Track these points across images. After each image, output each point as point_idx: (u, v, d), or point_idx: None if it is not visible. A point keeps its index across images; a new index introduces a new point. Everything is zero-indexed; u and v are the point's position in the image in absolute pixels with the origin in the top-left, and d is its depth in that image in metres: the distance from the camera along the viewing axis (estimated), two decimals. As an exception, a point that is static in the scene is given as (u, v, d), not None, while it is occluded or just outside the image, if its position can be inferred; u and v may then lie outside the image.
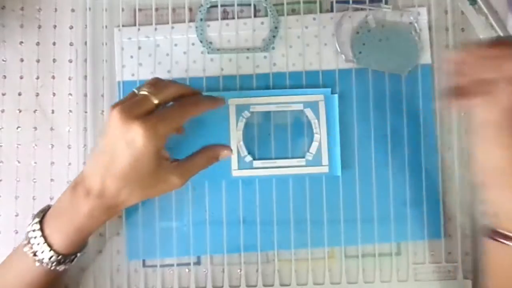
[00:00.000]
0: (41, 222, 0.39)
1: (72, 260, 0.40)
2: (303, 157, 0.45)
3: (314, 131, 0.45)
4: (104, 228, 0.46)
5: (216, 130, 0.45)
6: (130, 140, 0.36)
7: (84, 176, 0.39)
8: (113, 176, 0.37)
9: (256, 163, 0.45)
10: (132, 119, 0.36)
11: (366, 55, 0.46)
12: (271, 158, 0.46)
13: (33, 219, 0.40)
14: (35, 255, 0.38)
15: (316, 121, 0.45)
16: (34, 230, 0.39)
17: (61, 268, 0.39)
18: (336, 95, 0.46)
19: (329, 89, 0.46)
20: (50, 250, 0.38)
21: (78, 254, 0.41)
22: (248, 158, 0.45)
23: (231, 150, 0.44)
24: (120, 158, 0.37)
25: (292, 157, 0.46)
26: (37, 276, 0.39)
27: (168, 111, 0.38)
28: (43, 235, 0.38)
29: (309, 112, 0.45)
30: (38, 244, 0.38)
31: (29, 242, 0.39)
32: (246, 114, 0.45)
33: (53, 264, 0.39)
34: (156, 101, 0.37)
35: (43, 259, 0.38)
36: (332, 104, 0.46)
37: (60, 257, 0.39)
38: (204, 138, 0.45)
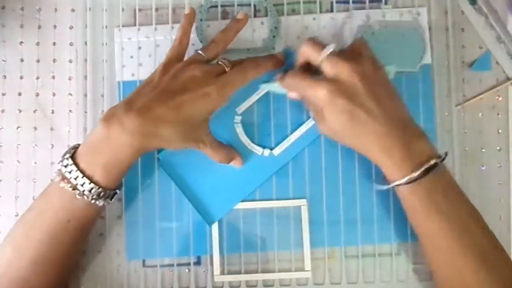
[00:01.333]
0: (72, 158, 0.39)
1: (112, 196, 0.41)
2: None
3: None
4: (104, 228, 0.46)
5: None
6: (204, 93, 0.40)
7: (131, 104, 0.39)
8: (175, 105, 0.39)
9: (276, 151, 0.46)
10: (211, 78, 0.41)
11: None
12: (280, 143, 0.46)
13: (64, 156, 0.40)
14: (74, 188, 0.39)
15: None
16: (67, 166, 0.39)
17: (100, 203, 0.40)
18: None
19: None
20: (90, 183, 0.38)
21: (118, 192, 0.41)
22: (267, 152, 0.46)
23: (241, 161, 0.45)
24: (189, 97, 0.39)
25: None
26: (77, 211, 0.40)
27: (235, 75, 0.42)
28: (79, 169, 0.39)
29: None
30: (76, 178, 0.39)
31: (64, 178, 0.39)
32: (238, 118, 0.46)
33: (93, 197, 0.39)
34: (228, 69, 0.42)
35: (83, 191, 0.39)
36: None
37: (100, 189, 0.39)
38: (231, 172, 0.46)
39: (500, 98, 0.47)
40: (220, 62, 0.42)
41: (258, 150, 0.46)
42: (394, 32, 0.47)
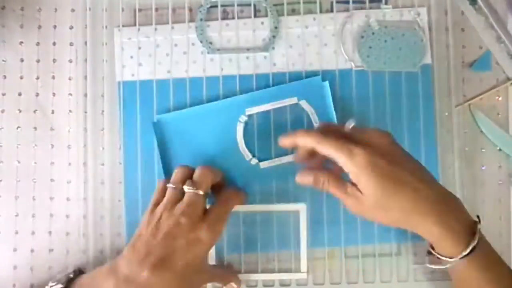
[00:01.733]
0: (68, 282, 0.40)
1: None
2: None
3: (313, 121, 0.45)
4: (104, 228, 0.46)
5: (221, 138, 0.46)
6: (195, 239, 0.38)
7: (123, 271, 0.38)
8: (167, 271, 0.37)
9: (263, 164, 0.45)
10: (197, 221, 0.39)
11: (374, 58, 0.46)
12: (271, 158, 0.46)
13: (58, 282, 0.40)
14: None
15: (313, 111, 0.45)
16: None
17: None
18: (326, 82, 0.46)
19: (318, 77, 0.46)
20: None
21: None
22: (254, 161, 0.45)
23: (239, 283, 0.44)
24: (179, 253, 0.38)
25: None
26: None
27: (220, 209, 0.41)
28: None
29: (304, 104, 0.45)
30: None
31: None
32: (243, 118, 0.45)
33: None
34: (201, 193, 0.40)
35: None
36: (324, 90, 0.46)
37: None
38: (211, 147, 0.46)
39: (500, 98, 0.47)
40: (187, 190, 0.39)
41: (247, 155, 0.45)
42: (394, 32, 0.47)
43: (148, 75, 0.47)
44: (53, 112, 0.47)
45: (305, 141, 0.38)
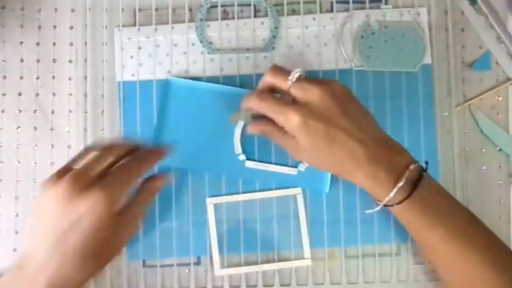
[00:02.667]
0: None
1: None
2: (296, 166, 0.46)
3: None
4: (104, 228, 0.46)
5: (221, 123, 0.46)
6: (89, 209, 0.35)
7: (31, 257, 0.36)
8: (68, 254, 0.35)
9: (249, 163, 0.45)
10: (88, 185, 0.35)
11: (374, 58, 0.46)
12: (260, 160, 0.46)
13: None
14: None
15: None
16: None
17: None
18: None
19: None
20: None
21: None
22: (242, 157, 0.45)
23: (165, 177, 0.43)
24: (77, 230, 0.35)
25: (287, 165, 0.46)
26: None
27: (120, 170, 0.38)
28: None
29: None
30: None
31: None
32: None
33: None
34: (110, 160, 0.37)
35: None
36: None
37: None
38: (209, 127, 0.46)
39: (500, 98, 0.47)
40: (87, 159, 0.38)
41: (237, 149, 0.45)
42: (394, 32, 0.47)
43: (148, 75, 0.47)
44: (53, 112, 0.47)
45: (248, 106, 0.40)
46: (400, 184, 0.37)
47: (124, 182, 0.38)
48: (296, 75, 0.39)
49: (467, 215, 0.40)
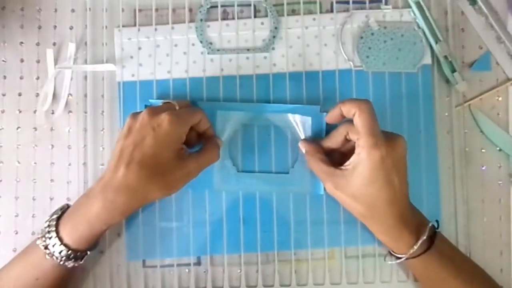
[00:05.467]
0: (58, 219, 0.40)
1: (82, 258, 0.41)
2: (287, 172, 0.46)
3: (301, 134, 0.46)
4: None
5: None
6: (157, 125, 0.39)
7: (104, 173, 0.40)
8: (135, 162, 0.38)
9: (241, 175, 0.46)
10: (159, 112, 0.40)
11: (373, 58, 0.47)
12: (254, 171, 0.46)
13: (51, 215, 0.41)
14: (46, 248, 0.39)
15: (303, 125, 0.46)
16: (49, 225, 0.40)
17: (69, 264, 0.40)
18: (324, 113, 0.45)
19: (317, 107, 0.46)
20: (60, 244, 0.39)
21: (88, 253, 0.41)
22: (233, 170, 0.46)
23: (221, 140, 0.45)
24: (146, 142, 0.39)
25: (276, 172, 0.46)
26: (46, 270, 0.40)
27: (185, 109, 0.42)
28: (56, 230, 0.39)
29: (297, 128, 0.46)
30: (51, 238, 0.39)
31: (43, 236, 0.40)
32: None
33: (62, 259, 0.39)
34: (177, 107, 0.42)
35: (53, 252, 0.39)
36: (320, 122, 0.45)
37: (69, 252, 0.39)
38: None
39: (500, 98, 0.47)
40: (166, 101, 0.43)
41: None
42: (394, 33, 0.47)
43: (148, 76, 0.47)
44: (53, 112, 0.47)
45: (349, 109, 0.40)
46: (421, 240, 0.40)
47: (188, 114, 0.41)
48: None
49: (474, 264, 0.43)
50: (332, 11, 0.47)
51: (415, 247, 0.40)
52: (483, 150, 0.47)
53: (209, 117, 0.44)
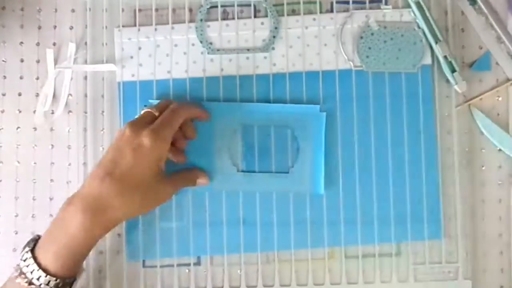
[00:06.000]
0: (32, 251, 0.38)
1: (71, 285, 0.39)
2: (287, 171, 0.46)
3: (301, 146, 0.46)
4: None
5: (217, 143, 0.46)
6: (137, 145, 0.39)
7: (80, 191, 0.39)
8: (113, 179, 0.38)
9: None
10: (140, 128, 0.39)
11: (373, 58, 0.46)
12: (254, 171, 0.46)
13: (23, 249, 0.38)
14: (30, 283, 0.37)
15: (302, 137, 0.46)
16: (25, 260, 0.37)
17: None
18: (324, 113, 0.45)
19: (317, 106, 0.46)
20: (46, 276, 0.37)
21: (77, 279, 0.40)
22: (233, 170, 0.46)
23: (207, 180, 0.45)
24: (125, 161, 0.38)
25: (276, 171, 0.46)
26: None
27: (166, 116, 0.41)
28: (36, 262, 0.37)
29: (296, 128, 0.46)
30: (32, 271, 0.37)
31: (21, 273, 0.37)
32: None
33: None
34: (157, 114, 0.41)
35: (40, 285, 0.37)
36: (320, 121, 0.45)
37: (58, 280, 0.37)
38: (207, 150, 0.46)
39: (500, 99, 0.47)
40: (146, 109, 0.42)
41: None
42: (393, 33, 0.47)
43: (148, 76, 0.47)
44: (53, 112, 0.47)
45: None
46: None
47: (169, 123, 0.40)
48: None
49: None
50: (332, 11, 0.47)
51: None
52: (483, 150, 0.47)
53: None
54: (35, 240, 0.39)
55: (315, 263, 0.45)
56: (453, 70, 0.46)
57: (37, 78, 0.47)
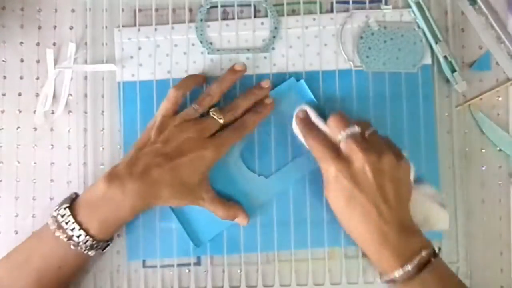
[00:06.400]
0: (70, 209, 0.41)
1: (105, 247, 0.43)
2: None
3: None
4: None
5: None
6: (199, 156, 0.41)
7: (129, 165, 0.41)
8: (167, 172, 0.41)
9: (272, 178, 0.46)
10: (205, 141, 0.42)
11: (373, 58, 0.46)
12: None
13: (61, 205, 0.41)
14: (69, 239, 0.40)
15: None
16: (63, 215, 0.40)
17: (92, 253, 0.41)
18: (302, 80, 0.46)
19: (292, 78, 0.46)
20: (86, 235, 0.40)
21: (110, 243, 0.43)
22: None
23: (247, 219, 0.45)
24: (185, 165, 0.41)
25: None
26: (68, 259, 0.41)
27: (229, 134, 0.43)
28: (76, 221, 0.40)
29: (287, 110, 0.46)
30: (73, 229, 0.40)
31: (60, 227, 0.40)
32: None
33: (87, 248, 0.40)
34: (221, 122, 0.43)
35: (79, 242, 0.40)
36: (302, 89, 0.46)
37: (94, 242, 0.40)
38: None
39: (500, 99, 0.47)
40: (212, 115, 0.43)
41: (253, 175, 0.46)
42: (393, 33, 0.47)
43: (148, 76, 0.47)
44: (53, 112, 0.47)
45: (298, 130, 0.44)
46: (408, 268, 0.38)
47: (228, 143, 0.43)
48: (348, 133, 0.40)
49: None
50: (332, 11, 0.47)
51: (396, 275, 0.38)
52: (483, 150, 0.47)
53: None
54: (72, 198, 0.42)
55: (315, 263, 0.45)
56: (453, 70, 0.46)
57: (37, 78, 0.47)
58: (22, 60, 0.48)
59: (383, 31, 0.47)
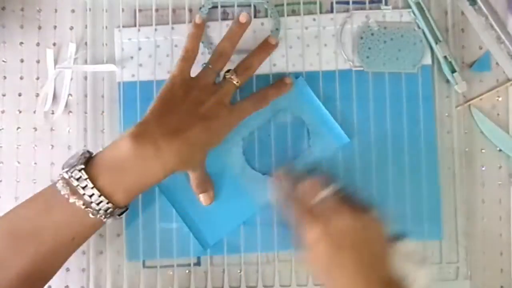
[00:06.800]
0: (86, 171, 0.36)
1: (121, 214, 0.39)
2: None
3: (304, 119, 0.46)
4: (104, 228, 0.46)
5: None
6: (227, 123, 0.41)
7: (161, 121, 0.38)
8: (202, 133, 0.39)
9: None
10: (225, 106, 0.41)
11: (373, 59, 0.46)
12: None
13: (73, 166, 0.36)
14: (88, 206, 0.35)
15: (298, 109, 0.46)
16: (79, 179, 0.35)
17: (111, 220, 0.37)
18: (300, 77, 0.46)
19: (291, 76, 0.46)
20: (108, 202, 0.36)
21: (127, 210, 0.39)
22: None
23: (211, 200, 0.44)
24: (215, 129, 0.40)
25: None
26: (84, 228, 0.37)
27: (248, 106, 0.43)
28: (96, 186, 0.35)
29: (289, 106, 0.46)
30: (92, 195, 0.35)
31: (75, 193, 0.35)
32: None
33: (107, 216, 0.37)
34: (238, 85, 0.42)
35: (99, 210, 0.36)
36: (303, 86, 0.46)
37: (116, 209, 0.37)
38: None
39: (500, 99, 0.47)
40: (228, 79, 0.42)
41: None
42: (393, 33, 0.47)
43: (148, 76, 0.47)
44: (53, 113, 0.47)
45: (279, 188, 0.42)
46: None
47: (246, 113, 0.43)
48: (321, 197, 0.38)
49: None
50: (332, 11, 0.48)
51: None
52: (483, 150, 0.47)
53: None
54: (85, 157, 0.37)
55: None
56: (453, 70, 0.46)
57: (37, 78, 0.47)
58: (22, 60, 0.48)
59: (383, 31, 0.47)
